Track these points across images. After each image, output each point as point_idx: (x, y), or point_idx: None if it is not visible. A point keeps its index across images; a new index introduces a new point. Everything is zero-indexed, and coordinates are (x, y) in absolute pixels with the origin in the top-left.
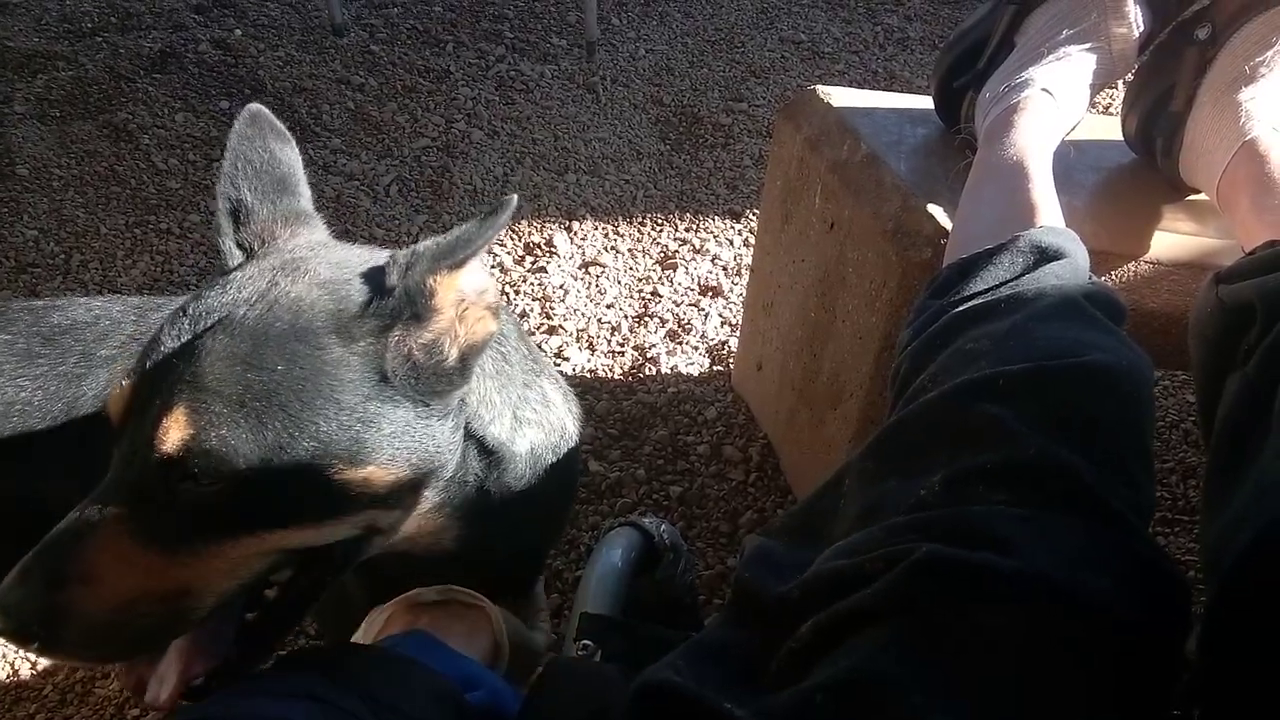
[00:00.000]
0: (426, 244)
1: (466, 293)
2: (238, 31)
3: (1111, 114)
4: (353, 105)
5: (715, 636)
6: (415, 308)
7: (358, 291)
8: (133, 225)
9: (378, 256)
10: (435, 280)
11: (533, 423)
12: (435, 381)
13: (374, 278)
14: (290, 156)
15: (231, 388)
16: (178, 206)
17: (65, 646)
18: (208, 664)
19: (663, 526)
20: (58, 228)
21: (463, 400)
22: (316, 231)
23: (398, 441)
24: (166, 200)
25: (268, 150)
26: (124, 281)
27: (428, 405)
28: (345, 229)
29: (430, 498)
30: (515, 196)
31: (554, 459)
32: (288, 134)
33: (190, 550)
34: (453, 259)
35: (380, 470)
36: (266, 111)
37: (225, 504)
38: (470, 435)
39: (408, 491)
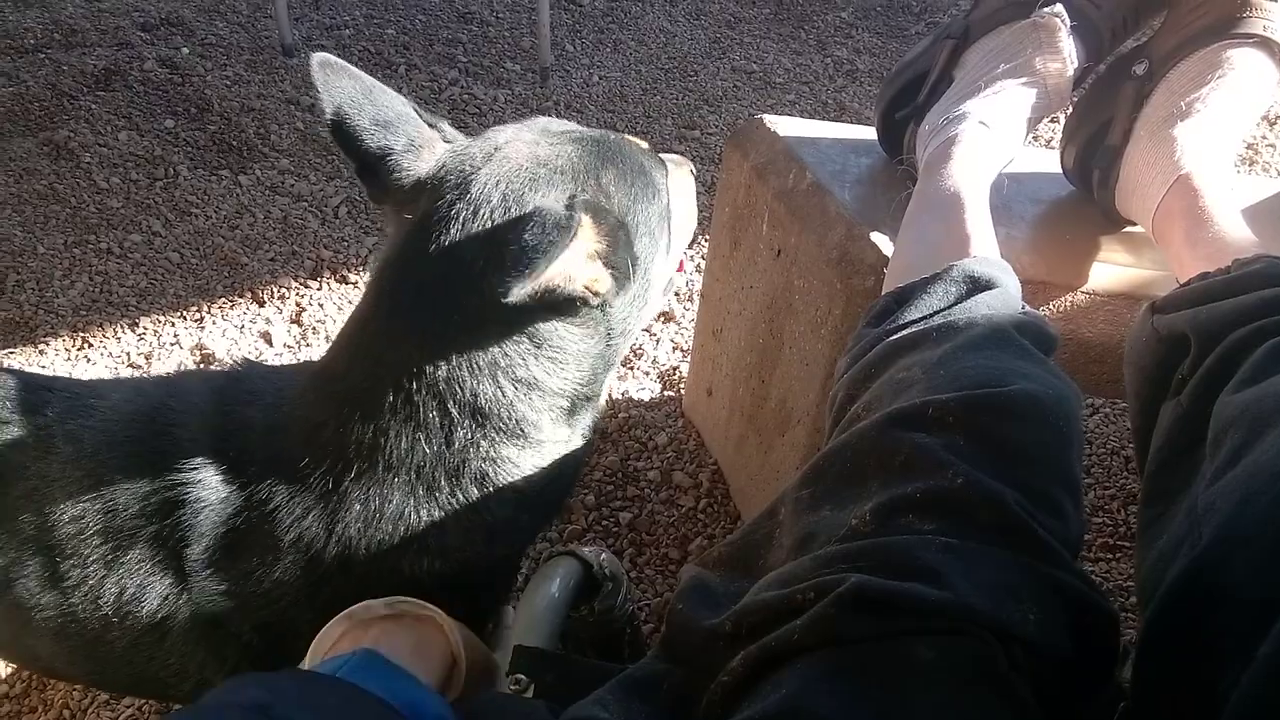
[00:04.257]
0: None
1: None
2: (185, 50)
3: (1052, 148)
4: (302, 126)
5: (646, 670)
6: None
7: None
8: (71, 245)
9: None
10: None
11: None
12: None
13: None
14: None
15: None
16: (119, 226)
17: None
18: None
19: (602, 555)
20: None
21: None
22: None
23: None
24: (107, 220)
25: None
26: (61, 303)
27: None
28: (292, 250)
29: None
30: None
31: None
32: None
33: None
34: None
35: None
36: None
37: None
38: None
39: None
